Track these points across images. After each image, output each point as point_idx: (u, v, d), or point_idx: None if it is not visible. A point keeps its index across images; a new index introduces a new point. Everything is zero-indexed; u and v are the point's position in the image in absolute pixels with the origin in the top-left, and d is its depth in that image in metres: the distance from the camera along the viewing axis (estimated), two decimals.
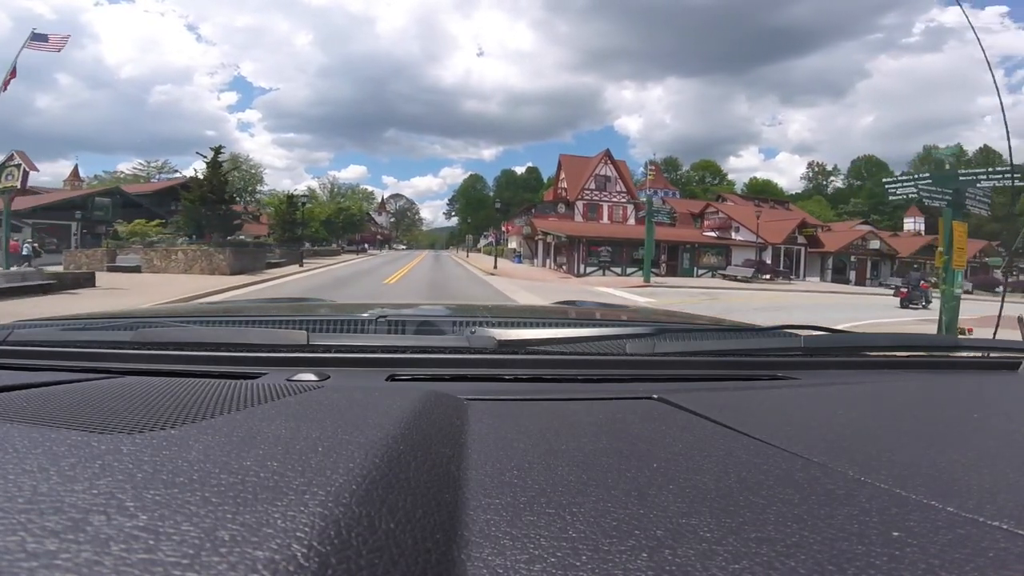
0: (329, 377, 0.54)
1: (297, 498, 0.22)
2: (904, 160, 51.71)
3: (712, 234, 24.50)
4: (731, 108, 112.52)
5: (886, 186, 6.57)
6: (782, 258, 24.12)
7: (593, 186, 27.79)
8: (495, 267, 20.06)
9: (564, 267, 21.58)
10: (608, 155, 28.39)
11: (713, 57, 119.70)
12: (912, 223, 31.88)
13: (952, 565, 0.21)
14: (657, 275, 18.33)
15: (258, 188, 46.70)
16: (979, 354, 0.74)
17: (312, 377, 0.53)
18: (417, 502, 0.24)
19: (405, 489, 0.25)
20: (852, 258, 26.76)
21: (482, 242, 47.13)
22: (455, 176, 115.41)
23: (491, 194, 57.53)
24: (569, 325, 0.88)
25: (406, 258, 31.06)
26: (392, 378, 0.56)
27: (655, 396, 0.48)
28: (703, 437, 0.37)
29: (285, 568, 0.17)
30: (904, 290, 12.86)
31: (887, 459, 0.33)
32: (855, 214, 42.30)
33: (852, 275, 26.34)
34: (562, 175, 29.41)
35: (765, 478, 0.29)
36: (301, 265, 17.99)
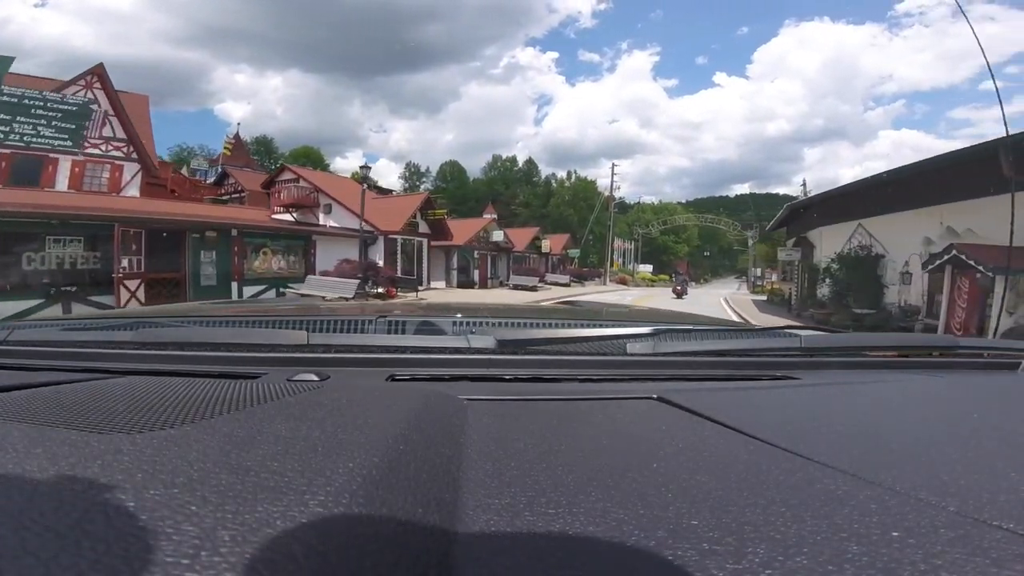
0: (329, 377, 0.54)
1: (297, 498, 0.22)
2: (477, 167, 58.68)
3: (287, 216, 15.15)
4: (345, 110, 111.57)
5: None
6: (399, 255, 16.51)
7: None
8: None
9: None
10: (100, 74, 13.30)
11: (341, 57, 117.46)
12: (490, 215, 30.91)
13: (952, 565, 0.21)
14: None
15: None
16: (979, 354, 0.74)
17: (312, 377, 0.53)
18: (417, 502, 0.24)
19: (405, 489, 0.25)
20: (475, 253, 21.66)
21: None
22: None
23: None
24: (569, 325, 0.88)
25: None
26: (392, 378, 0.55)
27: (655, 396, 0.48)
28: (703, 437, 0.37)
29: (285, 568, 0.17)
30: (679, 287, 21.25)
31: (887, 459, 0.33)
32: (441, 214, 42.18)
33: (476, 274, 21.51)
34: None
35: (765, 478, 0.29)
36: None
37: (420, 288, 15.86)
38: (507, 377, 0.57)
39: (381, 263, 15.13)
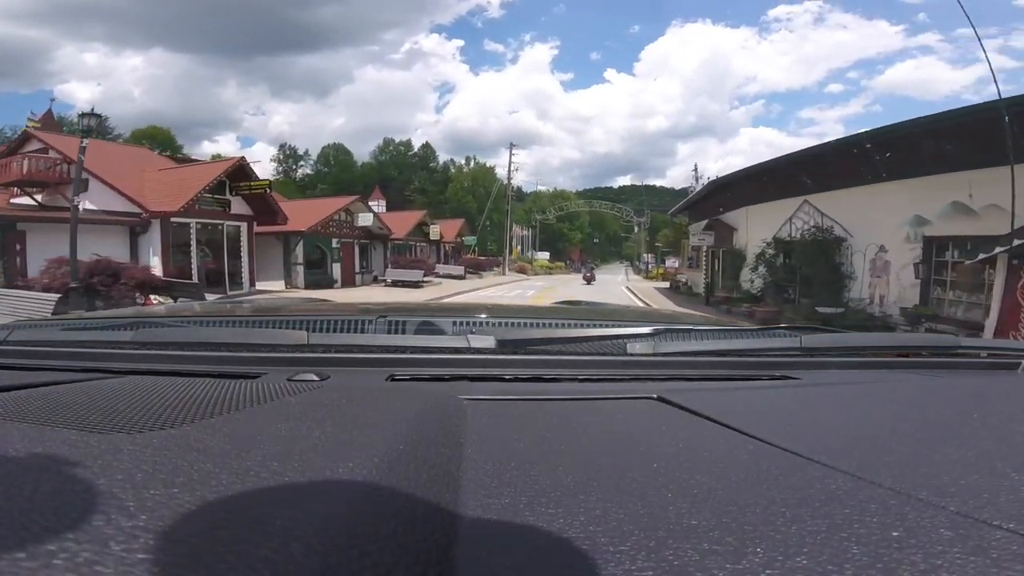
0: (329, 377, 0.54)
1: (297, 498, 0.23)
2: (365, 153, 56.27)
3: (21, 201, 10.91)
4: (218, 92, 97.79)
5: None
6: (195, 246, 11.46)
7: None
8: None
9: None
10: None
11: (218, 36, 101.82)
12: (377, 205, 26.57)
13: (952, 565, 0.21)
14: None
15: None
16: (979, 354, 0.73)
17: (312, 377, 0.53)
18: (417, 502, 0.24)
19: (405, 489, 0.25)
20: (335, 242, 16.14)
21: None
22: None
23: None
24: (569, 325, 0.87)
25: None
26: (392, 378, 0.55)
27: (655, 396, 0.47)
28: (703, 437, 0.37)
29: (285, 568, 0.17)
30: (588, 274, 24.66)
31: (887, 459, 0.33)
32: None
33: (336, 269, 16.00)
34: None
35: (765, 478, 0.29)
36: None
37: (232, 293, 11.18)
38: (507, 377, 0.57)
39: (156, 259, 10.36)
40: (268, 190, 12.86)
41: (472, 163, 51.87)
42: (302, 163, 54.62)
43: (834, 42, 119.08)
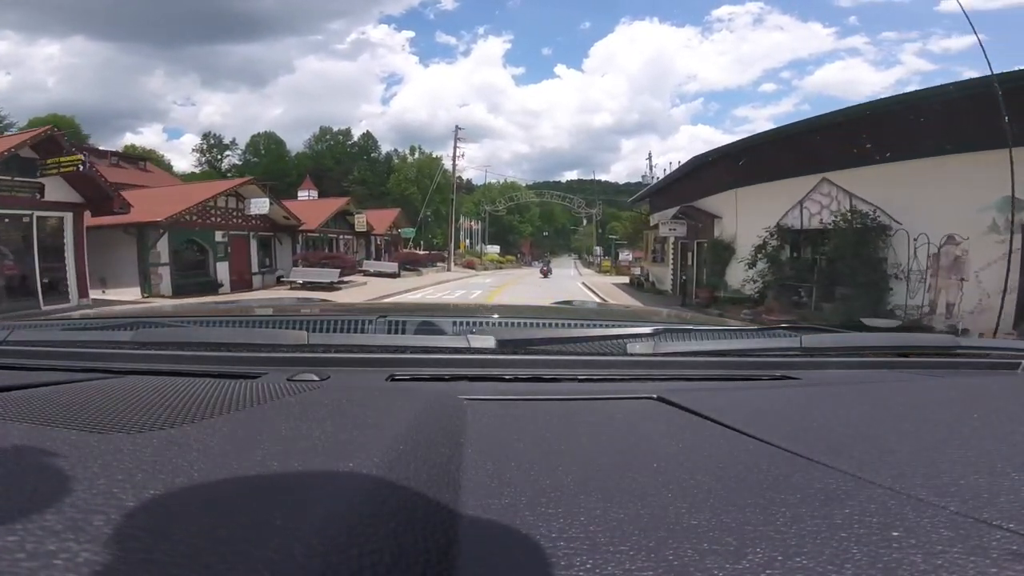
0: (329, 377, 0.54)
1: (297, 497, 0.22)
2: (300, 142, 53.19)
3: None
4: (144, 82, 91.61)
5: None
6: None
7: None
8: None
9: None
10: None
11: (146, 24, 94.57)
12: (306, 195, 26.98)
13: (952, 565, 0.21)
14: None
15: None
16: (978, 354, 0.73)
17: (312, 377, 0.53)
18: (417, 502, 0.24)
19: (405, 489, 0.25)
20: (220, 236, 12.41)
21: None
22: None
23: None
24: (569, 325, 0.87)
25: None
26: (392, 378, 0.55)
27: (655, 396, 0.48)
28: (703, 437, 0.37)
29: (285, 568, 0.17)
30: (545, 268, 24.92)
31: (887, 459, 0.33)
32: None
33: (221, 269, 12.23)
34: None
35: (765, 478, 0.29)
36: None
37: (49, 309, 8.11)
38: (507, 377, 0.57)
39: None
40: (82, 167, 8.84)
41: (417, 153, 48.13)
42: (228, 153, 49.69)
43: (771, 43, 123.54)
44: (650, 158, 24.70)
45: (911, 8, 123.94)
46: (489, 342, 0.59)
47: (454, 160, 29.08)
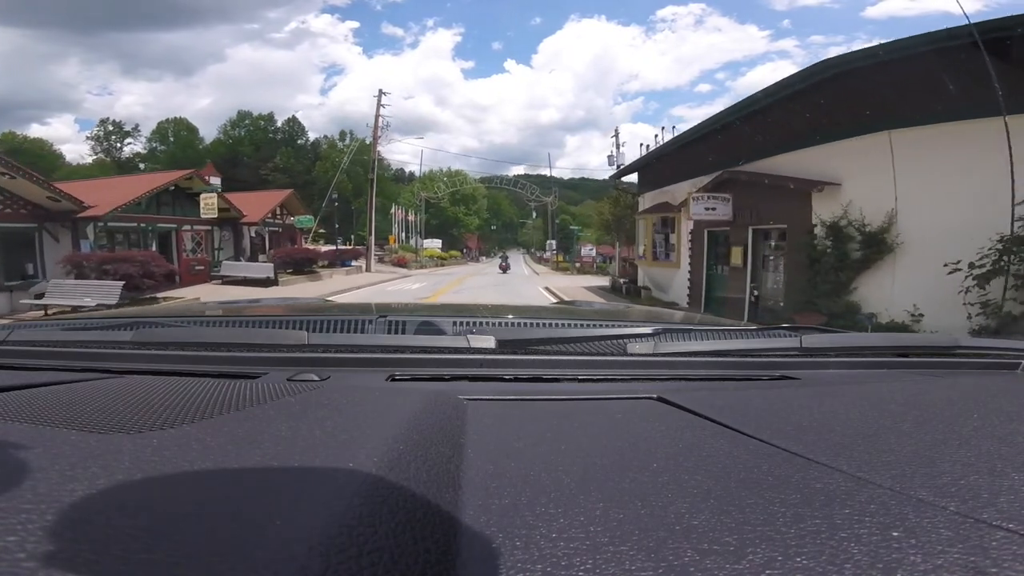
0: (329, 377, 0.54)
1: (297, 498, 0.23)
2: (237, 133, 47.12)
3: None
4: (55, 70, 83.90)
5: None
6: None
7: None
8: None
9: None
10: None
11: (60, 10, 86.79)
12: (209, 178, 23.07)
13: (952, 565, 0.21)
14: None
15: None
16: (978, 354, 0.73)
17: (312, 377, 0.53)
18: (417, 502, 0.24)
19: (405, 489, 0.25)
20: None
21: None
22: None
23: None
24: (569, 325, 0.87)
25: None
26: (392, 378, 0.55)
27: (655, 396, 0.48)
28: (704, 437, 0.37)
29: (285, 568, 0.17)
30: (504, 264, 25.10)
31: (887, 459, 0.33)
32: None
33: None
34: None
35: (765, 478, 0.30)
36: None
37: None
38: (507, 377, 0.57)
39: None
40: None
41: (348, 138, 40.96)
42: (130, 140, 45.05)
43: (708, 44, 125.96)
44: (617, 134, 20.52)
45: (840, 13, 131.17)
46: (489, 342, 0.60)
47: (375, 131, 22.43)
